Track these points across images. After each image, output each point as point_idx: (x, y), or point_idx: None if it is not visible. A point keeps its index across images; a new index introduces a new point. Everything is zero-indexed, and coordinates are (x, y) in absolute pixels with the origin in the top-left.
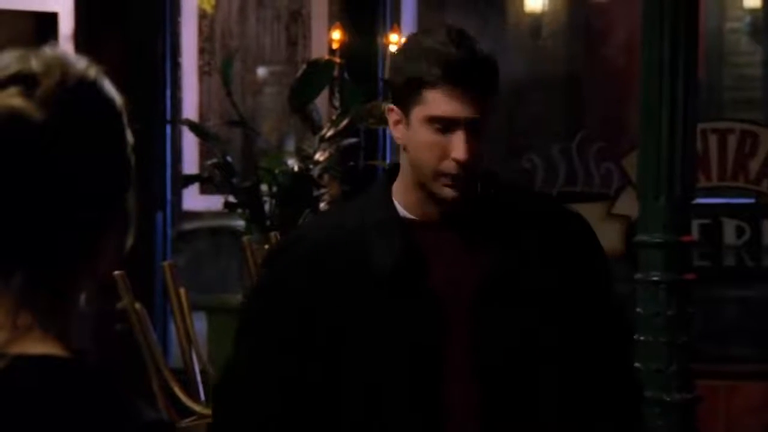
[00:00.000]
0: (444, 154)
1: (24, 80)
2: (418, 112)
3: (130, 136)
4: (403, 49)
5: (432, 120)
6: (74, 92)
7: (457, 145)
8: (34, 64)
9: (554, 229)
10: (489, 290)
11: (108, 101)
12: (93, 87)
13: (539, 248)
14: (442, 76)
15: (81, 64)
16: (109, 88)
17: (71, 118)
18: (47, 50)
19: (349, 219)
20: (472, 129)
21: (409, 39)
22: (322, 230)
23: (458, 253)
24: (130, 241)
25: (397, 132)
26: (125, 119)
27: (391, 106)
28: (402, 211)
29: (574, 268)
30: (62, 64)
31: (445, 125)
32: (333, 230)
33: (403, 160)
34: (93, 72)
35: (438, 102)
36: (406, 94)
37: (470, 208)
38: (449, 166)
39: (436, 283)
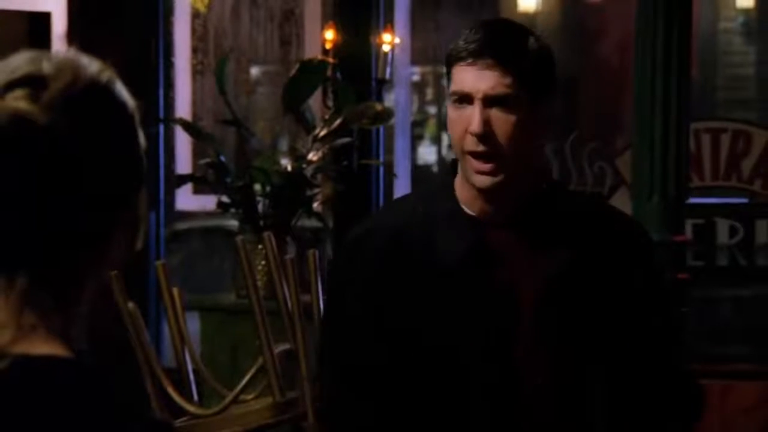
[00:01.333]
0: (465, 131)
1: (33, 83)
2: (449, 92)
3: (142, 139)
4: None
5: (453, 95)
6: (84, 95)
7: (472, 119)
8: (45, 66)
9: (613, 233)
10: (550, 292)
11: (119, 104)
12: (104, 90)
13: (599, 251)
14: (461, 50)
15: (93, 67)
16: (122, 91)
17: (80, 121)
18: (60, 53)
19: (419, 209)
20: (491, 103)
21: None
22: (394, 219)
23: (519, 253)
24: (139, 244)
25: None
26: (137, 122)
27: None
28: (464, 207)
29: (633, 273)
30: (74, 67)
31: (463, 100)
32: (405, 220)
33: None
34: (105, 75)
35: (458, 77)
36: (447, 79)
37: (528, 212)
38: (468, 141)
39: (499, 280)
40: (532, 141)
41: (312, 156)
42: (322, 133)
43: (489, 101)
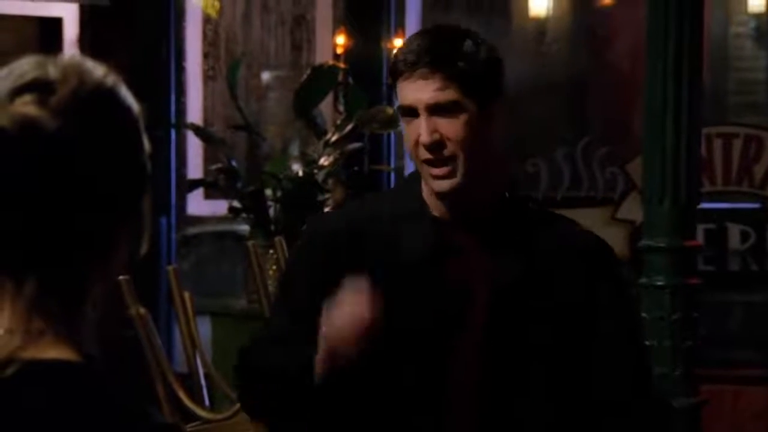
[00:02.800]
0: (416, 140)
1: (40, 88)
2: (397, 108)
3: (147, 143)
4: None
5: (401, 110)
6: (90, 100)
7: (420, 130)
8: (52, 71)
9: (572, 247)
10: (501, 299)
11: (124, 108)
12: (109, 94)
13: (554, 262)
14: (400, 63)
15: (99, 71)
16: (127, 95)
17: (86, 126)
18: (66, 57)
19: (385, 206)
20: (436, 111)
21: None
22: (360, 213)
23: (477, 256)
24: (144, 248)
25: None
26: (142, 126)
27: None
28: (430, 208)
29: (589, 288)
30: (79, 71)
31: (410, 113)
32: (370, 214)
33: None
34: (111, 80)
35: (402, 91)
36: (394, 92)
37: (491, 219)
38: (421, 150)
39: (453, 279)
40: (485, 143)
41: (323, 161)
42: (333, 137)
43: (433, 110)
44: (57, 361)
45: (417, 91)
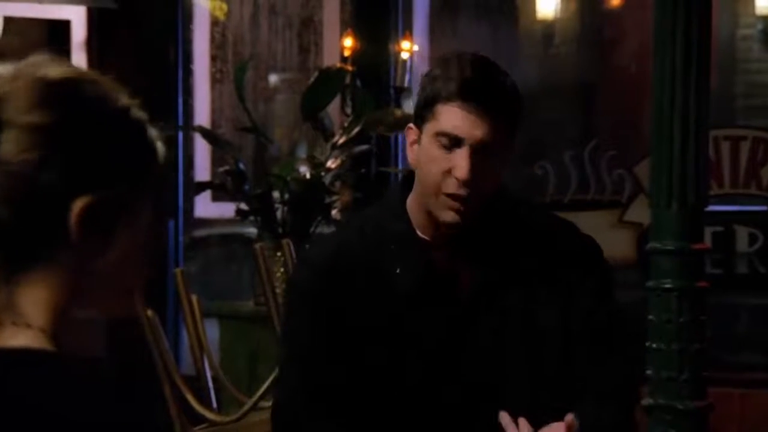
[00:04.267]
0: (447, 171)
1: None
2: (430, 128)
3: (142, 134)
4: (429, 71)
5: (440, 134)
6: (51, 96)
7: (460, 164)
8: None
9: (561, 252)
10: (478, 307)
11: (93, 98)
12: (71, 88)
13: (540, 271)
14: (455, 92)
15: (56, 69)
16: (95, 85)
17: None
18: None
19: (369, 230)
20: (479, 151)
21: (438, 61)
22: (342, 245)
23: (467, 275)
24: (148, 260)
25: (411, 152)
26: (124, 109)
27: (410, 125)
28: (416, 229)
29: (572, 289)
30: (31, 73)
31: (451, 142)
32: (354, 242)
33: (416, 181)
34: (71, 73)
35: (448, 117)
36: (423, 112)
37: (477, 233)
38: (450, 184)
39: (447, 300)
40: (500, 179)
41: (330, 163)
42: (341, 140)
43: (480, 148)
44: (23, 349)
45: (471, 125)
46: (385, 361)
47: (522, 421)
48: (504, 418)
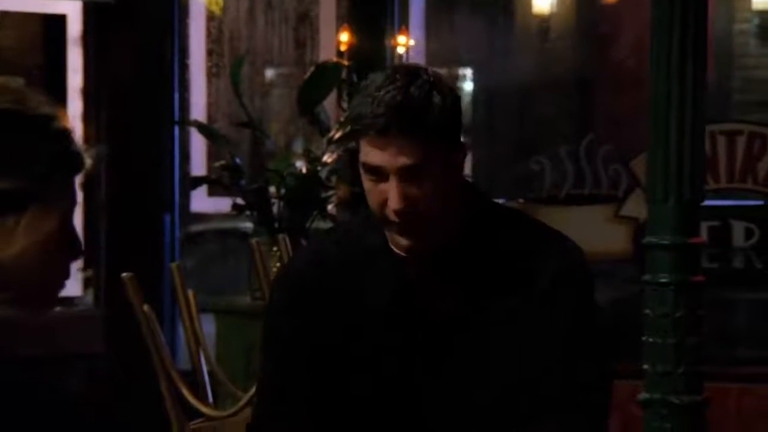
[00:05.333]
0: (383, 203)
1: None
2: (360, 158)
3: (45, 138)
4: (361, 86)
5: (365, 167)
6: None
7: (390, 194)
8: None
9: (537, 273)
10: (452, 326)
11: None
12: None
13: (516, 292)
14: (369, 125)
15: None
16: (10, 95)
17: None
18: None
19: (345, 243)
20: (408, 176)
21: (367, 78)
22: (315, 262)
23: (438, 288)
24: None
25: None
26: (36, 116)
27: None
28: (390, 243)
29: (549, 313)
30: None
31: (376, 174)
32: (327, 260)
33: None
34: None
35: (367, 151)
36: (353, 142)
37: (452, 244)
38: (389, 213)
39: (419, 317)
40: (450, 193)
41: (327, 158)
42: (337, 135)
43: (404, 173)
44: None
45: (390, 156)
46: (357, 378)
47: None
48: None
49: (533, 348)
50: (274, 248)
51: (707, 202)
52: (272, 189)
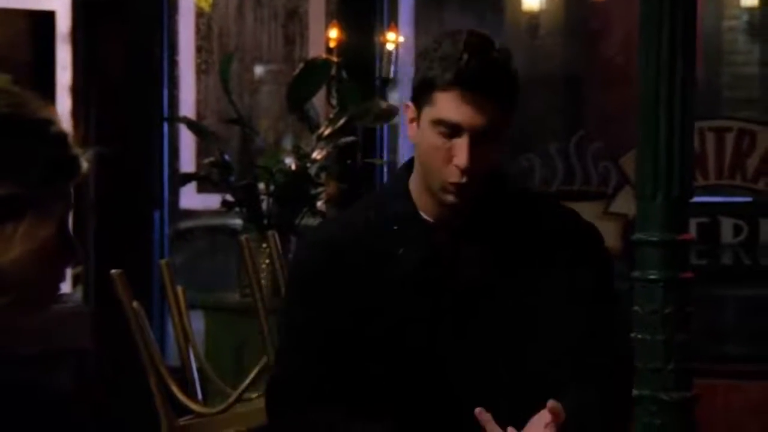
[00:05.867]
0: (448, 159)
1: None
2: (427, 114)
3: (45, 142)
4: (425, 50)
5: (438, 123)
6: None
7: (460, 152)
8: None
9: (561, 238)
10: (480, 288)
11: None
12: None
13: (541, 256)
14: (452, 80)
15: None
16: (11, 98)
17: None
18: None
19: (372, 212)
20: (479, 137)
21: (433, 40)
22: (347, 226)
23: (466, 255)
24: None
25: (410, 130)
26: (35, 120)
27: (408, 103)
28: (419, 209)
29: (572, 276)
30: None
31: (450, 130)
32: (357, 226)
33: (416, 161)
34: None
35: (446, 106)
36: (420, 94)
37: (481, 215)
38: (451, 171)
39: (448, 282)
40: (499, 162)
41: (316, 155)
42: (327, 131)
43: (479, 134)
44: None
45: (470, 113)
46: (385, 342)
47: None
48: (482, 414)
49: (560, 316)
50: (264, 245)
51: (696, 199)
52: (261, 186)
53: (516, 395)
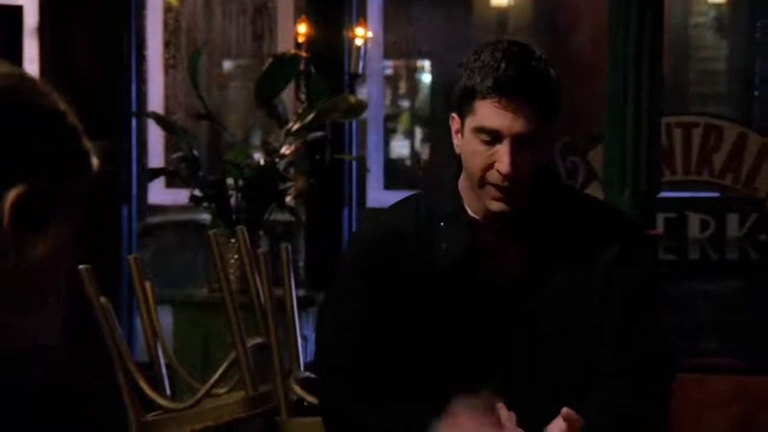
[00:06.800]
0: (490, 165)
1: None
2: (469, 122)
3: (65, 135)
4: (466, 61)
5: (479, 130)
6: None
7: (502, 158)
8: None
9: (604, 236)
10: (521, 288)
11: (26, 97)
12: (7, 87)
13: (583, 258)
14: (491, 87)
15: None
16: (30, 85)
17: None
18: None
19: (421, 209)
20: (520, 143)
21: (474, 51)
22: (396, 223)
23: (512, 255)
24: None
25: (456, 140)
26: (57, 112)
27: (454, 115)
28: (467, 208)
29: (612, 278)
30: None
31: (491, 137)
32: (408, 220)
33: (464, 167)
34: (9, 73)
35: (486, 113)
36: (462, 104)
37: (527, 214)
38: (494, 176)
39: (489, 279)
40: (542, 163)
41: (285, 150)
42: (295, 126)
43: (519, 140)
44: None
45: (509, 120)
46: (425, 336)
47: (505, 413)
48: (503, 411)
49: (599, 316)
50: (232, 240)
51: (663, 194)
52: (230, 181)
53: (546, 395)
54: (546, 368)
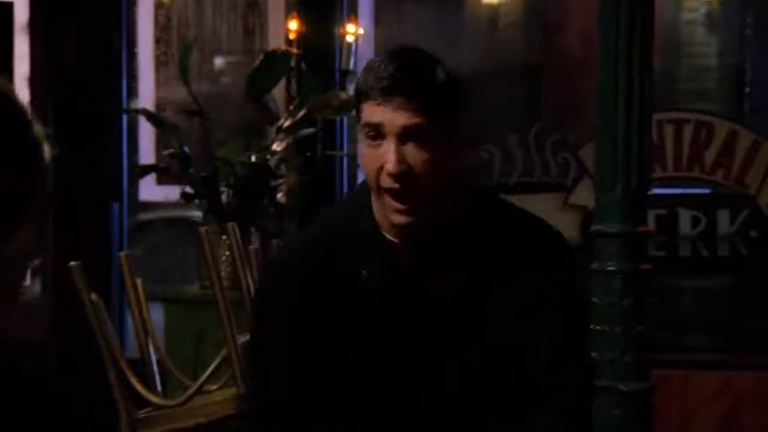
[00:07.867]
0: (380, 168)
1: None
2: (360, 125)
3: (20, 123)
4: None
5: (365, 127)
6: None
7: (387, 156)
8: None
9: (524, 248)
10: (443, 312)
11: None
12: None
13: (506, 276)
14: (371, 87)
15: None
16: None
17: None
18: None
19: (337, 228)
20: (406, 137)
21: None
22: (311, 250)
23: (431, 274)
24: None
25: (360, 150)
26: (9, 101)
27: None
28: (381, 228)
29: (538, 296)
30: None
31: (376, 132)
32: (323, 242)
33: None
34: None
35: (370, 111)
36: (356, 111)
37: (444, 233)
38: (385, 180)
39: (412, 304)
40: (448, 172)
41: (276, 146)
42: (286, 123)
43: (404, 135)
44: None
45: (390, 114)
46: (354, 365)
47: None
48: None
49: (526, 333)
50: (224, 237)
51: (654, 191)
52: (221, 177)
53: (482, 411)
54: (474, 388)
